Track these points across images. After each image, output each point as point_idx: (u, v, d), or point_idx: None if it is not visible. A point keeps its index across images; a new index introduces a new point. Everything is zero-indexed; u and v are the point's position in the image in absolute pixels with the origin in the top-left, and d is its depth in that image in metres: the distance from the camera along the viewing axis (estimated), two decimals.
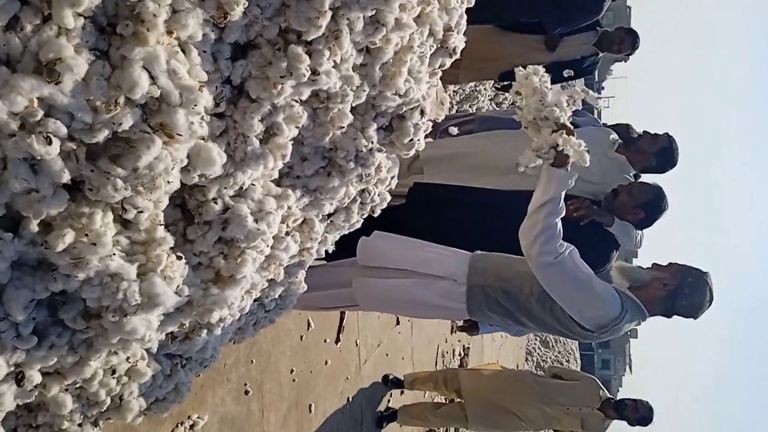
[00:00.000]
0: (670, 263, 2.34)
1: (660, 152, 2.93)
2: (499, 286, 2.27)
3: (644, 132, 3.01)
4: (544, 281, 2.13)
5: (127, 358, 1.44)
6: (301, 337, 3.13)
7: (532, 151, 2.01)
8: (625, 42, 3.69)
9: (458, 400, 4.22)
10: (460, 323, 3.05)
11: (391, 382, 4.45)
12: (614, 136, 3.01)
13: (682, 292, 2.24)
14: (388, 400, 4.48)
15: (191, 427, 2.29)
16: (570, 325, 2.20)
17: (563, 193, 2.06)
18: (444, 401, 4.72)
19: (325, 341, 3.42)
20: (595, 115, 4.92)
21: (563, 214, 2.09)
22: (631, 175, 2.92)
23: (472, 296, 2.30)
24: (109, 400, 1.44)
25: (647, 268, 2.35)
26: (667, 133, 2.97)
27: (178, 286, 1.30)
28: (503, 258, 2.38)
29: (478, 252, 2.43)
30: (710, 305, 2.27)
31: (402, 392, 4.62)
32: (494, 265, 2.33)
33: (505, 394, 3.91)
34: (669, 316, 2.29)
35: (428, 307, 2.39)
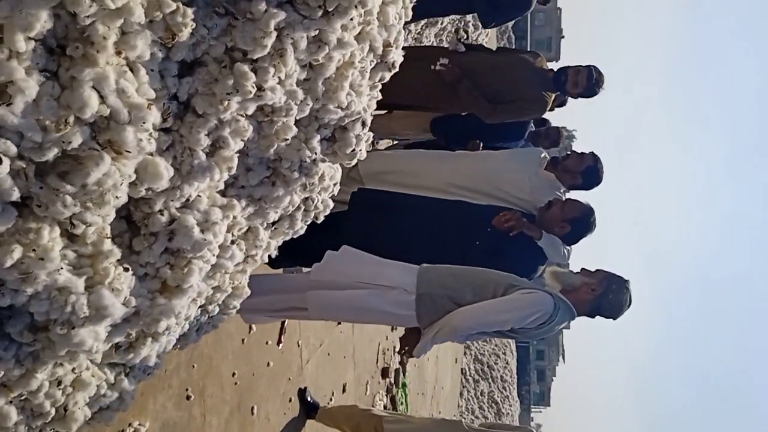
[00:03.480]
0: (597, 270, 2.60)
1: (586, 171, 3.10)
2: (446, 293, 2.42)
3: (572, 151, 3.18)
4: None
5: (73, 369, 1.45)
6: (243, 340, 3.14)
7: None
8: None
9: None
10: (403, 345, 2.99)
11: (309, 404, 3.94)
12: (544, 154, 3.18)
13: (607, 297, 2.53)
14: None
15: None
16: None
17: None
18: None
19: (267, 343, 3.44)
20: None
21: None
22: (561, 191, 3.08)
23: (421, 304, 2.43)
24: (54, 411, 1.44)
25: (577, 272, 2.61)
26: (592, 153, 3.15)
27: (125, 298, 1.32)
28: (448, 269, 2.54)
29: (425, 264, 2.55)
30: (629, 308, 2.59)
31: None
32: (441, 276, 2.48)
33: None
34: (593, 317, 2.58)
35: (380, 314, 2.52)
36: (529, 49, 3.77)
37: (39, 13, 0.94)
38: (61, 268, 1.18)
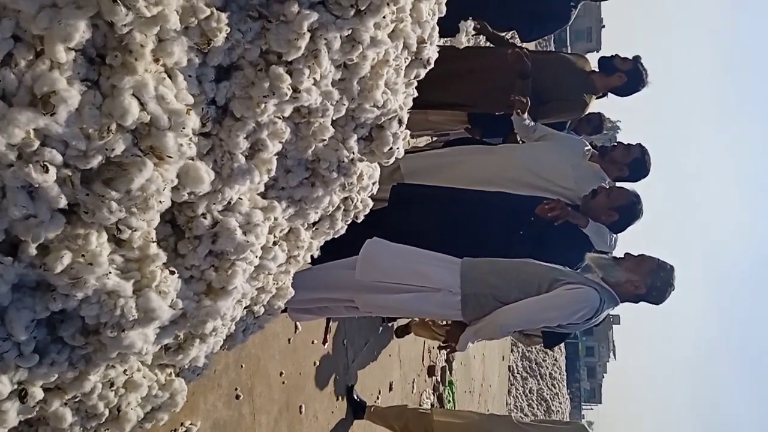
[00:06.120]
0: (641, 257, 2.53)
1: (633, 163, 3.02)
2: (490, 293, 2.41)
3: (618, 143, 3.11)
4: None
5: (124, 371, 1.49)
6: (289, 339, 3.18)
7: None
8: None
9: None
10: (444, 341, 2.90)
11: (356, 403, 3.93)
12: (588, 147, 3.12)
13: (651, 294, 2.51)
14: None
15: None
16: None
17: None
18: None
19: (312, 342, 3.47)
20: None
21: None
22: (606, 183, 3.01)
23: (467, 304, 2.42)
24: (107, 412, 1.48)
25: (620, 259, 2.54)
26: (639, 144, 3.07)
27: (172, 300, 1.35)
28: (491, 265, 2.51)
29: (466, 259, 2.53)
30: (672, 292, 2.56)
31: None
32: (483, 274, 2.46)
33: None
34: (636, 302, 2.56)
35: (427, 314, 2.54)
36: (572, 52, 3.69)
37: (77, 24, 0.97)
38: (110, 273, 1.21)
